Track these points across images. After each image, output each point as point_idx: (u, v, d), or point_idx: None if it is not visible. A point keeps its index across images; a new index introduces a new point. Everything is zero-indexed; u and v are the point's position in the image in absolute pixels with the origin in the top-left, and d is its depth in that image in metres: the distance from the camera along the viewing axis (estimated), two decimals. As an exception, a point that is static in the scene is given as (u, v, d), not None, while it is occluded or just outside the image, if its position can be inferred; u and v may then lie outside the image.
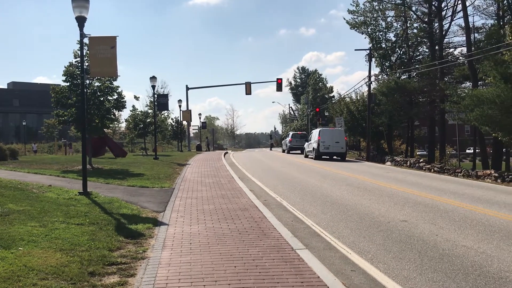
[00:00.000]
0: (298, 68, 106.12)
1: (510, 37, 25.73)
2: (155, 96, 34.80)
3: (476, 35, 37.73)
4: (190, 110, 52.16)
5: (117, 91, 20.35)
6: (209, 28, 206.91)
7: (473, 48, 32.12)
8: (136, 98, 60.73)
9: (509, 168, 35.56)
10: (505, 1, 31.79)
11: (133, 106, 43.10)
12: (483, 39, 34.72)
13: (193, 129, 73.82)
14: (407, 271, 5.97)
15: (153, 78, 28.82)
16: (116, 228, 7.98)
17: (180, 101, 49.24)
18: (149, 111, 39.06)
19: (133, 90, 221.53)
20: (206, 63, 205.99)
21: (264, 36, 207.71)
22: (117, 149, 31.97)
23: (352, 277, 5.82)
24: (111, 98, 20.28)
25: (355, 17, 44.34)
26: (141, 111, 38.89)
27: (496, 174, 18.42)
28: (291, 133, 45.48)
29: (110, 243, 6.86)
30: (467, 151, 64.23)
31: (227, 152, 43.63)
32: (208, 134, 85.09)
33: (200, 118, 70.37)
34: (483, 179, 18.68)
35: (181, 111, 50.59)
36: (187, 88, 53.22)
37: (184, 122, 53.38)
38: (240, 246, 6.83)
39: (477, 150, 38.49)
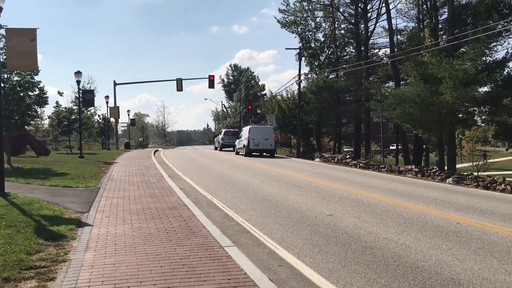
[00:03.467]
0: (230, 66, 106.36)
1: (429, 40, 27.34)
2: (80, 91, 33.34)
3: (398, 37, 39.69)
4: (118, 107, 50.60)
5: (38, 86, 19.27)
6: (139, 22, 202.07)
7: (396, 49, 33.74)
8: (60, 93, 57.76)
9: (429, 163, 37.82)
10: (425, 6, 33.68)
11: (57, 102, 41.21)
12: (405, 41, 36.53)
13: (121, 127, 71.65)
14: (331, 264, 6.15)
15: (78, 73, 27.58)
16: (35, 230, 7.53)
17: (107, 97, 47.44)
18: (74, 107, 37.40)
19: (57, 85, 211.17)
20: (136, 58, 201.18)
21: (197, 32, 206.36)
22: (39, 147, 30.25)
23: (279, 272, 5.90)
24: (32, 93, 19.17)
25: (286, 16, 45.16)
26: (66, 108, 37.11)
27: (417, 169, 19.48)
28: (223, 130, 45.52)
29: (29, 246, 6.47)
30: (391, 147, 67.51)
31: (157, 150, 42.75)
32: (138, 132, 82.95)
33: (129, 115, 68.43)
34: (405, 174, 19.69)
35: (108, 108, 48.92)
36: (115, 84, 51.54)
37: (112, 119, 51.68)
38: (167, 246, 6.69)
39: (399, 147, 40.55)
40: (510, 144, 23.14)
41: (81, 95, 33.74)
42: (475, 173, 19.81)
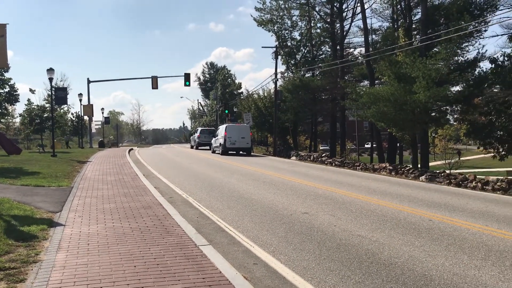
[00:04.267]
0: (207, 64, 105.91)
1: (403, 39, 27.75)
2: (53, 89, 32.66)
3: (373, 36, 40.16)
4: (92, 105, 49.72)
5: (9, 83, 18.90)
6: (114, 19, 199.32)
7: (370, 49, 34.14)
8: (32, 91, 56.51)
9: (402, 161, 38.41)
10: (399, 6, 34.17)
11: (29, 100, 40.06)
12: (379, 40, 37.01)
13: (95, 125, 70.62)
14: (306, 262, 6.18)
15: (50, 70, 26.99)
16: (5, 230, 7.34)
17: (81, 94, 46.60)
18: (47, 105, 36.63)
19: (29, 82, 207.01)
20: (111, 56, 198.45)
21: (172, 30, 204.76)
22: (10, 146, 29.33)
23: (254, 270, 5.90)
24: (2, 91, 18.74)
25: (262, 14, 45.21)
26: (38, 105, 36.35)
27: (391, 167, 19.76)
28: (199, 129, 45.36)
29: (-3, 248, 6.31)
30: (366, 145, 68.30)
31: (132, 149, 42.26)
32: (112, 130, 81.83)
33: (103, 113, 67.36)
34: (379, 172, 19.95)
35: (82, 106, 48.08)
36: (89, 81, 50.67)
37: (86, 117, 50.84)
38: (141, 245, 6.62)
39: (374, 145, 41.09)
40: (481, 142, 23.62)
41: (53, 93, 33.07)
42: (448, 171, 20.22)
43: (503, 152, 21.84)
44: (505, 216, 9.50)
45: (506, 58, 21.22)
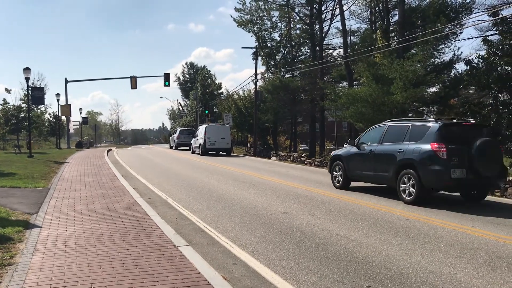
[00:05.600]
0: (186, 64, 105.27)
1: (381, 41, 28.11)
2: (30, 89, 32.11)
3: (352, 38, 40.62)
4: (70, 105, 49.01)
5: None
6: (93, 18, 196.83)
7: (349, 50, 34.49)
8: (8, 91, 55.77)
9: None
10: (377, 8, 34.62)
11: (4, 100, 39.36)
12: (358, 42, 37.45)
13: (73, 125, 69.56)
14: (285, 261, 6.22)
15: (27, 70, 26.55)
16: (-22, 233, 7.20)
17: (58, 94, 45.88)
18: (23, 105, 36.01)
19: (5, 82, 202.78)
20: (89, 55, 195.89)
21: (152, 29, 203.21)
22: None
23: (233, 270, 5.91)
24: (-25, 90, 18.35)
25: (242, 15, 45.30)
26: (14, 105, 35.73)
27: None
28: (178, 129, 45.30)
29: (-29, 251, 6.18)
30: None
31: (110, 149, 41.80)
32: (90, 130, 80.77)
33: (81, 113, 66.45)
34: (357, 171, 20.11)
35: (59, 106, 47.30)
36: (66, 81, 49.87)
37: (63, 118, 50.07)
38: (119, 247, 6.56)
39: (353, 145, 41.37)
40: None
41: (30, 93, 32.53)
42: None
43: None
44: (480, 214, 9.71)
45: (480, 60, 21.70)
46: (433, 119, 12.25)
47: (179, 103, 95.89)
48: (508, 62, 20.34)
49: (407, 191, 10.99)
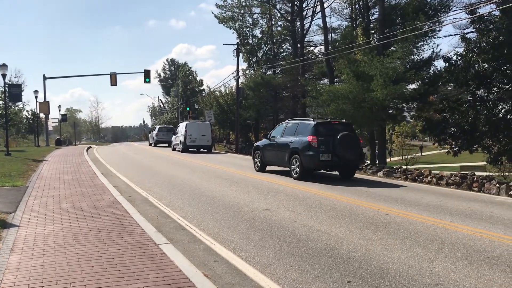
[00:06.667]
0: (167, 60, 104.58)
1: (361, 38, 28.33)
2: (6, 86, 31.47)
3: (333, 35, 40.82)
4: (48, 102, 48.12)
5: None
6: (72, 13, 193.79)
7: (330, 47, 34.67)
8: (-17, 88, 54.30)
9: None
10: (357, 5, 34.85)
11: (-20, 97, 38.52)
12: (339, 39, 37.62)
13: (52, 123, 68.46)
14: (267, 258, 6.23)
15: (3, 66, 25.97)
16: (-47, 234, 7.04)
17: (36, 91, 45.08)
18: (0, 102, 35.26)
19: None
20: (68, 51, 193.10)
21: (133, 26, 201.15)
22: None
23: (215, 267, 5.89)
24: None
25: (223, 11, 45.14)
26: (-10, 103, 34.96)
27: (349, 163, 20.12)
28: (157, 126, 45.88)
29: None
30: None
31: (90, 147, 41.30)
32: (70, 128, 79.61)
33: (60, 110, 65.35)
34: (339, 168, 20.27)
35: (37, 103, 46.48)
36: (45, 78, 48.98)
37: (42, 115, 49.23)
38: (99, 245, 6.49)
39: (334, 142, 41.65)
40: (436, 139, 24.45)
41: (7, 90, 31.89)
42: (404, 167, 20.82)
43: (456, 148, 22.68)
44: (458, 209, 9.89)
45: (459, 57, 22.00)
46: (312, 119, 16.42)
47: (160, 100, 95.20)
48: (486, 60, 20.68)
49: (295, 170, 15.12)
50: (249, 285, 5.30)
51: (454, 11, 27.53)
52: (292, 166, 15.20)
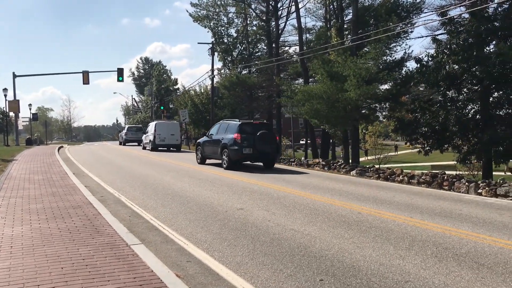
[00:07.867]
0: (141, 59, 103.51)
1: (335, 39, 28.60)
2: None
3: (307, 35, 41.08)
4: (18, 100, 46.98)
5: None
6: (44, 10, 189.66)
7: (305, 47, 34.87)
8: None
9: (335, 156, 39.62)
10: (331, 6, 35.16)
11: None
12: (313, 39, 37.92)
13: (23, 122, 66.89)
14: (240, 257, 6.22)
15: (-30, 63, 25.27)
16: None
17: (6, 89, 43.97)
18: (-33, 100, 34.28)
19: None
20: (39, 49, 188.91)
21: (106, 24, 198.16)
22: None
23: (187, 267, 5.85)
24: None
25: (198, 10, 44.95)
26: (-44, 101, 33.89)
27: (324, 163, 20.28)
28: (127, 126, 48.11)
29: None
30: (301, 141, 69.59)
31: (62, 147, 40.53)
32: (41, 127, 77.91)
33: (30, 109, 64.02)
34: (313, 167, 20.42)
35: (7, 101, 45.31)
36: (14, 76, 47.75)
37: (12, 114, 48.02)
38: (69, 246, 6.36)
39: (308, 141, 42.04)
40: (408, 138, 24.87)
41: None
42: (377, 166, 21.11)
43: (427, 148, 23.10)
44: (428, 207, 10.08)
45: (430, 59, 22.40)
46: (238, 120, 19.58)
47: (134, 99, 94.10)
48: (456, 61, 21.12)
49: (224, 161, 18.16)
50: (222, 284, 5.28)
51: (425, 13, 28.00)
52: (223, 158, 18.20)
